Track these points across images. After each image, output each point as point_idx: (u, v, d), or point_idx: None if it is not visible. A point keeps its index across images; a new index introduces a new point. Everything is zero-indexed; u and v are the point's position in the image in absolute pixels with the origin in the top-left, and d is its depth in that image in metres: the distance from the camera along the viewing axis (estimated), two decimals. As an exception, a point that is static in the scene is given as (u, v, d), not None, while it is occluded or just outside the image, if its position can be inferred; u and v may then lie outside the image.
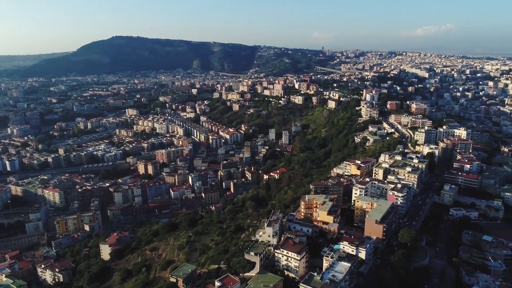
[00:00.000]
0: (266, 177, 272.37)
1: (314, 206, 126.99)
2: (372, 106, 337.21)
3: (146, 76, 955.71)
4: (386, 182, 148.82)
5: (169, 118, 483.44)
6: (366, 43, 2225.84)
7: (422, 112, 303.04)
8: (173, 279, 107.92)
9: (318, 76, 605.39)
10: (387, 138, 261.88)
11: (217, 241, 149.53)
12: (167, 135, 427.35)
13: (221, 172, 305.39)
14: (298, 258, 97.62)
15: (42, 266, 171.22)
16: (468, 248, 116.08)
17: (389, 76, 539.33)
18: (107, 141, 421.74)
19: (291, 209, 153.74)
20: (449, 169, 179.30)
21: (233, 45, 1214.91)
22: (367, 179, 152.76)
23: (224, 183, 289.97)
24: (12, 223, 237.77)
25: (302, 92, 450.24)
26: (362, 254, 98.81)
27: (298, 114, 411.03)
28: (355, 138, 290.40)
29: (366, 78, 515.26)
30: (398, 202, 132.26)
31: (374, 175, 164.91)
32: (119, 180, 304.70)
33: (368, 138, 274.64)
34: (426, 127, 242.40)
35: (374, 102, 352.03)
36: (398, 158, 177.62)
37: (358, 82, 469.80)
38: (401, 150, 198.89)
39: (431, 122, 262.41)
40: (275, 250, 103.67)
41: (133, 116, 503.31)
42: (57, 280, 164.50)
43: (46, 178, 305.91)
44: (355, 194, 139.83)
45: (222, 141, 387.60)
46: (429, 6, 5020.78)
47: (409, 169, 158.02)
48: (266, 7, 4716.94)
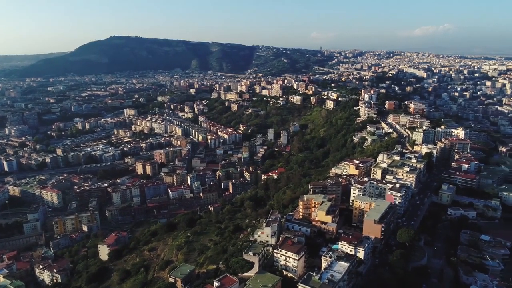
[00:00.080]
0: (264, 177, 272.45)
1: (313, 206, 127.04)
2: (370, 106, 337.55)
3: (145, 76, 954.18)
4: (384, 182, 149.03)
5: (167, 118, 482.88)
6: (365, 43, 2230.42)
7: (420, 112, 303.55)
8: (171, 279, 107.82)
9: (317, 76, 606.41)
10: (385, 138, 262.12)
11: (215, 241, 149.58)
12: (166, 135, 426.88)
13: (219, 172, 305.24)
14: (297, 258, 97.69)
15: (40, 266, 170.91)
16: (466, 247, 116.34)
17: (387, 76, 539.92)
18: (105, 141, 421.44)
19: (290, 209, 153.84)
20: (447, 169, 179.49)
21: (231, 45, 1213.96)
22: (366, 179, 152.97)
23: (222, 183, 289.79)
24: (10, 224, 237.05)
25: (300, 92, 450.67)
26: (361, 254, 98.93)
27: (296, 114, 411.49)
28: (354, 138, 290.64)
29: (364, 78, 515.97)
30: (397, 202, 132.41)
31: (373, 175, 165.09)
32: (118, 180, 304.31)
33: (366, 138, 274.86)
34: (424, 127, 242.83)
35: (372, 102, 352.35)
36: (396, 158, 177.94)
37: (357, 82, 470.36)
38: (399, 150, 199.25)
39: (429, 122, 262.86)
40: (274, 250, 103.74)
41: (131, 116, 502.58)
42: (55, 280, 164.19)
43: (44, 178, 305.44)
44: (354, 194, 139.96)
45: (221, 141, 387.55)
46: (427, 6, 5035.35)
47: (407, 169, 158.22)
48: (265, 7, 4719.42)
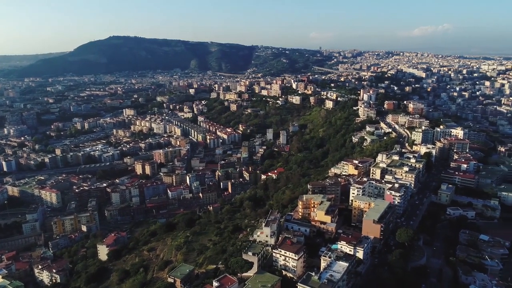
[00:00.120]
0: (263, 177, 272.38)
1: (312, 206, 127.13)
2: (369, 106, 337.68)
3: (144, 76, 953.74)
4: (383, 182, 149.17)
5: (166, 118, 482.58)
6: (364, 43, 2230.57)
7: (419, 112, 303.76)
8: (170, 280, 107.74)
9: (316, 76, 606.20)
10: (385, 138, 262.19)
11: (215, 241, 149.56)
12: (165, 135, 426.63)
13: (218, 172, 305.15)
14: (296, 258, 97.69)
15: (39, 267, 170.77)
16: (465, 247, 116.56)
17: (386, 76, 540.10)
18: (105, 141, 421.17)
19: (289, 209, 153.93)
20: (446, 168, 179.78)
21: (230, 45, 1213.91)
22: (365, 179, 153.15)
23: (221, 183, 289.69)
24: (8, 224, 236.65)
25: (299, 92, 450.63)
26: (360, 254, 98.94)
27: (295, 114, 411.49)
28: (353, 138, 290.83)
29: (364, 78, 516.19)
30: (396, 202, 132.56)
31: (372, 175, 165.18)
32: (117, 180, 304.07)
33: (365, 138, 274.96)
34: (423, 127, 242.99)
35: (371, 102, 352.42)
36: (396, 158, 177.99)
37: (356, 82, 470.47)
38: (398, 150, 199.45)
39: (428, 122, 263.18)
40: (273, 250, 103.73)
41: (130, 116, 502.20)
42: (54, 281, 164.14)
43: (43, 178, 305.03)
44: (353, 194, 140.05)
45: (220, 141, 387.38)
46: (426, 6, 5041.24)
47: (406, 168, 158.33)
48: (264, 8, 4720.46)
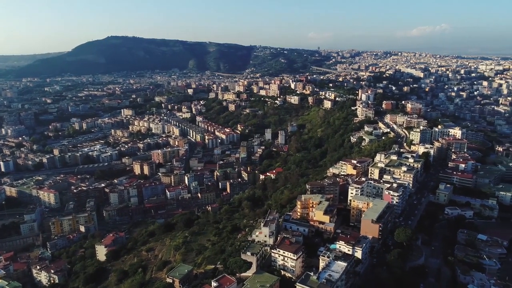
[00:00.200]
0: (262, 177, 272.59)
1: (310, 206, 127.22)
2: (367, 106, 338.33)
3: (142, 76, 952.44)
4: (382, 181, 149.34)
5: (165, 118, 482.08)
6: (362, 43, 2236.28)
7: (417, 112, 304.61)
8: (169, 280, 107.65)
9: (314, 76, 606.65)
10: (383, 137, 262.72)
11: (213, 241, 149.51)
12: (163, 135, 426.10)
13: (217, 172, 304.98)
14: (295, 258, 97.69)
15: (37, 267, 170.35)
16: (463, 247, 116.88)
17: (384, 76, 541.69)
18: (103, 141, 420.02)
19: (288, 209, 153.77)
20: (444, 168, 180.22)
21: (229, 45, 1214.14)
22: (363, 179, 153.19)
23: (220, 183, 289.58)
24: (6, 224, 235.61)
25: (298, 92, 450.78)
26: (358, 254, 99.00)
27: (294, 114, 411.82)
28: (351, 138, 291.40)
29: (362, 78, 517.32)
30: (394, 202, 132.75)
31: (370, 175, 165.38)
32: (115, 180, 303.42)
33: (363, 138, 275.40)
34: (421, 127, 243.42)
35: (369, 102, 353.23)
36: (394, 157, 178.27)
37: (354, 82, 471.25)
38: (396, 149, 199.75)
39: (426, 121, 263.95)
40: (272, 250, 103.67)
41: (128, 116, 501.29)
42: (52, 281, 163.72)
43: (41, 179, 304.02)
44: (351, 193, 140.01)
45: (218, 141, 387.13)
46: (424, 6, 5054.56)
47: (404, 168, 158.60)
48: (262, 8, 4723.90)
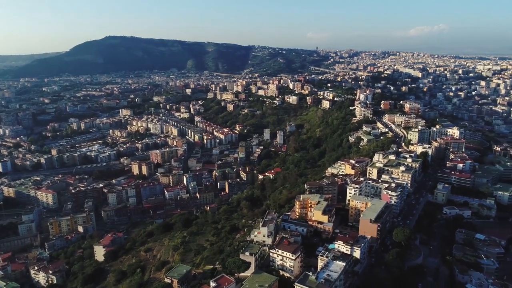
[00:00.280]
0: (260, 177, 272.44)
1: (309, 205, 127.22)
2: (366, 106, 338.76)
3: (140, 76, 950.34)
4: (380, 181, 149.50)
5: (163, 118, 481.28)
6: (360, 43, 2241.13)
7: (416, 111, 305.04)
8: (168, 280, 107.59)
9: (313, 76, 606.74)
10: (381, 137, 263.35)
11: (212, 241, 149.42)
12: (162, 136, 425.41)
13: (215, 172, 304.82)
14: (293, 258, 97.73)
15: (35, 268, 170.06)
16: (461, 246, 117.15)
17: (382, 76, 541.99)
18: (101, 141, 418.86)
19: (286, 209, 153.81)
20: (442, 168, 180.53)
21: (227, 45, 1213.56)
22: (362, 179, 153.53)
23: (218, 183, 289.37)
24: (4, 225, 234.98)
25: (296, 92, 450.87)
26: (357, 253, 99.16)
27: (292, 114, 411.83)
28: (349, 138, 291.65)
29: (360, 78, 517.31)
30: (392, 201, 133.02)
31: (368, 175, 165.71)
32: (113, 180, 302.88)
33: (362, 137, 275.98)
34: (419, 127, 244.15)
35: (368, 102, 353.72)
36: (392, 157, 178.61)
37: (352, 82, 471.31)
38: (395, 149, 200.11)
39: (425, 121, 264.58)
40: (270, 250, 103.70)
41: (127, 116, 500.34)
42: (50, 282, 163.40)
43: (39, 179, 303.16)
44: (350, 193, 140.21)
45: (217, 141, 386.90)
46: (422, 6, 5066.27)
47: (403, 168, 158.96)
48: (260, 8, 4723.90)
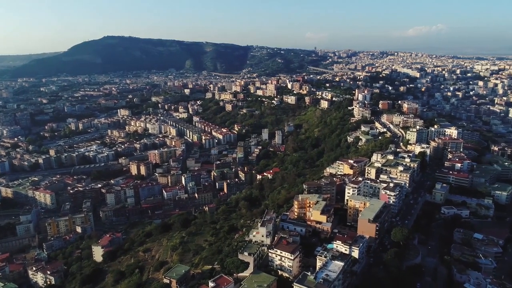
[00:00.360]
0: (259, 177, 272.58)
1: (307, 205, 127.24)
2: (364, 106, 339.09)
3: (138, 76, 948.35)
4: (378, 181, 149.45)
5: (161, 118, 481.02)
6: (358, 43, 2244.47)
7: (414, 111, 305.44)
8: (166, 280, 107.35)
9: (311, 76, 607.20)
10: (379, 137, 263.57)
11: (210, 241, 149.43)
12: (160, 136, 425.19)
13: (214, 172, 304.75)
14: (292, 258, 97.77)
15: (34, 268, 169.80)
16: (459, 246, 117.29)
17: (381, 76, 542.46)
18: (99, 141, 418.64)
19: (285, 209, 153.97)
20: (440, 168, 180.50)
21: (225, 45, 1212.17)
22: (360, 179, 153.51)
23: (217, 184, 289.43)
24: (2, 225, 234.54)
25: (295, 92, 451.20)
26: (355, 253, 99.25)
27: (291, 114, 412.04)
28: (348, 138, 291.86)
29: (358, 78, 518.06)
30: (391, 201, 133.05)
31: (367, 175, 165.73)
32: (111, 181, 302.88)
33: (360, 137, 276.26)
34: (417, 127, 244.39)
35: (366, 102, 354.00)
36: (390, 157, 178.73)
37: (351, 82, 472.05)
38: (393, 149, 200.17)
39: (423, 121, 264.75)
40: (269, 250, 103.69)
41: (125, 116, 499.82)
42: (48, 282, 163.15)
43: (37, 179, 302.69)
44: (348, 193, 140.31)
45: (215, 141, 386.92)
46: (420, 6, 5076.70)
47: (401, 168, 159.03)
48: (259, 8, 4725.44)
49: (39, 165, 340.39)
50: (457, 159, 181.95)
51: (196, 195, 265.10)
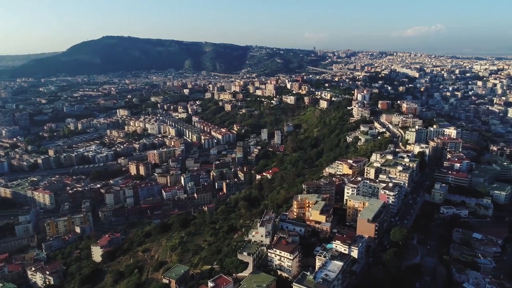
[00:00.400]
0: (258, 177, 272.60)
1: (307, 205, 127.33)
2: (363, 106, 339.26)
3: (137, 76, 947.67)
4: (377, 181, 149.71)
5: (160, 118, 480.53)
6: (357, 43, 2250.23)
7: (413, 111, 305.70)
8: (165, 280, 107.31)
9: (310, 76, 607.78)
10: (379, 137, 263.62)
11: (209, 241, 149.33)
12: (159, 136, 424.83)
13: (213, 172, 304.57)
14: (291, 258, 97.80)
15: (32, 269, 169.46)
16: (458, 246, 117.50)
17: (380, 76, 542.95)
18: (98, 142, 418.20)
19: (284, 208, 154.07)
20: (439, 167, 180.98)
21: (224, 45, 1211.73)
22: (359, 179, 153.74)
23: (216, 184, 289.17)
24: (1, 226, 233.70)
25: (294, 92, 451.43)
26: (355, 253, 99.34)
27: (290, 114, 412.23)
28: (347, 138, 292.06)
29: (358, 78, 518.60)
30: (390, 201, 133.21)
31: (366, 175, 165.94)
32: (111, 181, 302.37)
33: (359, 137, 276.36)
34: (416, 127, 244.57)
35: (365, 102, 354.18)
36: (389, 157, 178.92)
37: (350, 82, 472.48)
38: (392, 149, 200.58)
39: (422, 121, 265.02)
40: (268, 250, 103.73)
41: (124, 116, 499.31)
42: (47, 283, 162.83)
43: (36, 179, 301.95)
44: (347, 193, 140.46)
45: (214, 141, 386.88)
46: (419, 6, 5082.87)
47: (400, 168, 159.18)
48: (258, 8, 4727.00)
49: (38, 165, 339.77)
50: (456, 159, 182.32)
51: (195, 195, 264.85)
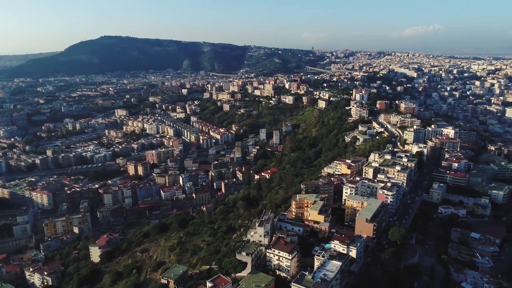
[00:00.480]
0: (257, 177, 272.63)
1: (305, 205, 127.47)
2: (361, 106, 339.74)
3: (136, 76, 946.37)
4: (376, 181, 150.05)
5: (159, 118, 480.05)
6: (356, 43, 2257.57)
7: (411, 111, 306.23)
8: (164, 281, 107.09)
9: (308, 76, 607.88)
10: (377, 137, 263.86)
11: (208, 241, 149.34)
12: (157, 136, 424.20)
13: (212, 172, 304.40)
14: (290, 258, 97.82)
15: (30, 269, 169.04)
16: (456, 245, 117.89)
17: (378, 76, 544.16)
18: (96, 142, 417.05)
19: (282, 208, 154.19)
20: (437, 167, 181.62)
21: (223, 45, 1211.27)
22: (357, 178, 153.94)
23: (215, 184, 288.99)
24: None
25: (292, 92, 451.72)
26: (353, 253, 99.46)
27: (288, 114, 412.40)
28: (345, 138, 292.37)
29: (356, 78, 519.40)
30: (388, 201, 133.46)
31: (364, 174, 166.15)
32: (109, 181, 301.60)
33: (358, 137, 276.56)
34: (415, 126, 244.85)
35: (363, 102, 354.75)
36: (388, 157, 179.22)
37: (348, 82, 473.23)
38: (390, 149, 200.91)
39: (420, 121, 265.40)
40: (267, 250, 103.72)
41: (122, 116, 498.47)
42: (45, 283, 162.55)
43: (33, 180, 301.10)
44: (346, 193, 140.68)
45: (213, 141, 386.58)
46: (417, 6, 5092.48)
47: (398, 168, 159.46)
48: (257, 8, 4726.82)
49: (36, 165, 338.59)
50: (454, 159, 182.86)
51: (193, 195, 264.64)
